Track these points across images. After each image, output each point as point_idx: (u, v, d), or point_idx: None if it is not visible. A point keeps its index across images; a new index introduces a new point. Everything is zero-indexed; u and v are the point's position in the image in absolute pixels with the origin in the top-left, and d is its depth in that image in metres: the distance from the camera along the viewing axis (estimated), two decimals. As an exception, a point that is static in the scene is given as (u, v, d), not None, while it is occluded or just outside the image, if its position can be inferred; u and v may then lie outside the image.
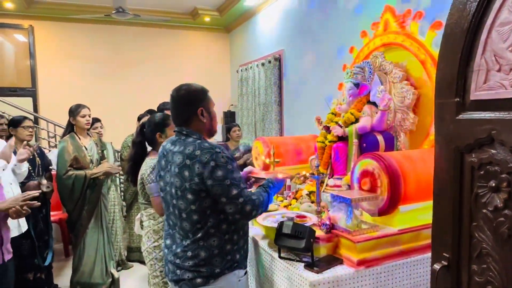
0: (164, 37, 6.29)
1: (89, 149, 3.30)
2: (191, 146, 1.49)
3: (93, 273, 3.28)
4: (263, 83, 4.99)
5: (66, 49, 5.79)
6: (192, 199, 1.48)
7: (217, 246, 1.54)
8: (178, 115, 1.62)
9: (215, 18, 6.00)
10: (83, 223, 3.25)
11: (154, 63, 6.24)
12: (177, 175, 1.51)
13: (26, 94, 5.53)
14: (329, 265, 1.50)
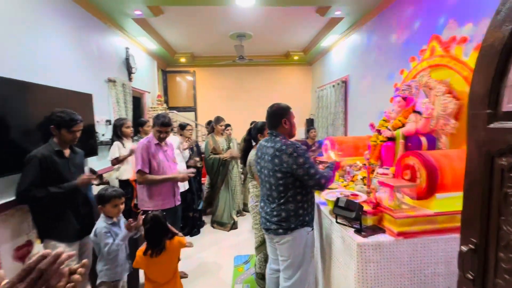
0: (266, 72, 6.35)
1: (221, 143, 3.55)
2: (279, 143, 1.49)
3: (223, 216, 3.54)
4: (333, 99, 4.66)
5: (211, 82, 6.31)
6: (280, 177, 1.48)
7: (293, 210, 1.50)
8: (270, 122, 1.62)
9: (301, 56, 5.82)
10: (218, 186, 3.53)
11: (260, 89, 6.36)
12: (269, 161, 1.52)
13: (191, 110, 6.18)
14: (373, 232, 1.32)
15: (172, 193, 2.23)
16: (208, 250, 2.97)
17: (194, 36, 4.61)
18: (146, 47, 4.59)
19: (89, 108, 2.70)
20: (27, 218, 1.84)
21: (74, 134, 1.69)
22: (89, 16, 2.94)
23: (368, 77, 3.61)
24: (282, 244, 1.56)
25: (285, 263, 1.57)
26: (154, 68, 5.23)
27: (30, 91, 1.96)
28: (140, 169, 2.07)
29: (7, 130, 1.76)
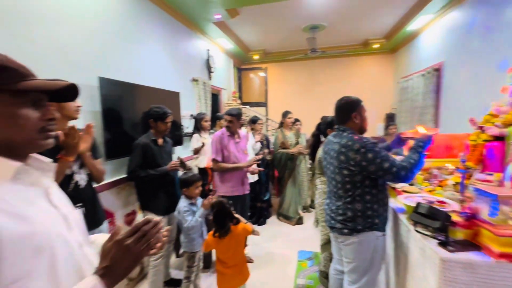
0: (340, 64, 5.96)
1: (290, 137, 3.56)
2: (345, 139, 1.41)
3: (289, 210, 3.57)
4: (421, 90, 4.01)
5: (282, 78, 6.36)
6: (346, 174, 1.40)
7: (360, 210, 1.40)
8: (338, 116, 1.54)
9: (382, 44, 5.20)
10: (285, 180, 3.57)
11: (333, 82, 6.03)
12: (335, 158, 1.45)
13: (262, 105, 6.40)
14: (464, 248, 1.10)
15: (240, 182, 2.40)
16: (273, 241, 3.07)
17: (266, 33, 4.73)
18: (223, 47, 4.98)
19: (177, 104, 3.14)
20: (133, 193, 2.30)
21: (167, 125, 2.03)
22: (178, 24, 3.39)
23: (470, 64, 2.95)
24: (347, 245, 1.48)
25: (350, 265, 1.49)
26: (230, 66, 5.62)
27: (135, 91, 2.43)
28: (214, 157, 2.30)
29: (120, 123, 2.24)
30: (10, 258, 0.46)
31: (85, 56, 1.97)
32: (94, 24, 2.06)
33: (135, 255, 0.57)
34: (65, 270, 0.54)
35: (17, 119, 0.53)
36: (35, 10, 1.62)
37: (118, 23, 2.32)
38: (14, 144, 0.53)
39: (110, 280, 0.54)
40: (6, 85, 0.51)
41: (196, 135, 3.12)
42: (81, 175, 1.48)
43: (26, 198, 0.53)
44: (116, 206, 2.23)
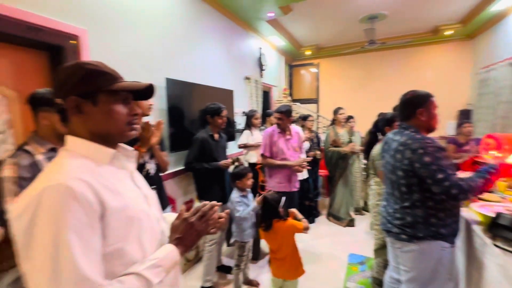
0: (403, 55, 5.37)
1: (342, 135, 3.41)
2: (405, 137, 1.30)
3: (340, 210, 3.43)
4: (509, 82, 3.37)
5: (335, 73, 6.07)
6: (401, 175, 1.30)
7: (421, 217, 1.27)
8: (402, 112, 1.42)
9: (457, 29, 4.50)
10: (336, 179, 3.44)
11: (393, 77, 5.49)
12: (392, 156, 1.36)
13: (313, 102, 6.22)
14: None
15: (287, 179, 2.40)
16: (322, 240, 3.00)
17: (320, 27, 4.58)
18: (275, 44, 5.01)
19: (231, 101, 3.31)
20: (192, 183, 2.53)
21: (223, 119, 2.18)
22: (233, 25, 3.54)
23: None
24: (405, 252, 1.36)
25: (408, 275, 1.37)
26: (282, 63, 5.63)
27: (194, 90, 2.65)
28: (262, 153, 2.37)
29: (182, 119, 2.48)
30: (113, 224, 0.57)
31: (154, 59, 2.23)
32: (161, 31, 2.31)
33: (198, 231, 0.72)
34: (148, 239, 0.66)
35: (112, 114, 0.64)
36: (119, 22, 1.90)
37: (181, 28, 2.56)
38: (109, 135, 0.65)
39: (181, 249, 0.68)
40: (104, 87, 0.63)
41: (247, 131, 3.23)
42: (151, 165, 1.70)
43: (119, 178, 0.66)
44: (177, 194, 2.49)
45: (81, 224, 0.51)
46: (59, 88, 0.63)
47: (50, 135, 1.16)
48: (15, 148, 1.12)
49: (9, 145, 1.39)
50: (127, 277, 0.57)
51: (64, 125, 0.66)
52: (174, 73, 2.42)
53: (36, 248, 0.50)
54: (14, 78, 1.42)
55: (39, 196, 0.51)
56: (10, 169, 1.03)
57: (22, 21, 1.33)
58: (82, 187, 0.54)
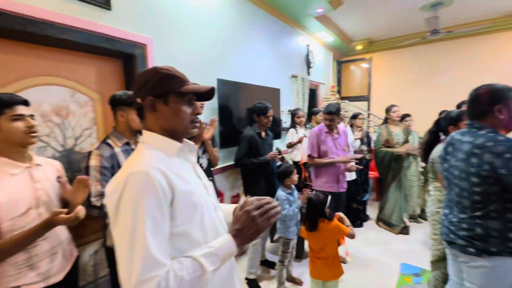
0: (471, 44, 4.65)
1: (397, 135, 3.15)
2: (482, 138, 1.14)
3: (392, 216, 3.19)
4: None
5: (390, 68, 5.60)
6: (476, 182, 1.15)
7: (496, 230, 1.12)
8: (472, 110, 1.25)
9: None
10: (387, 182, 3.21)
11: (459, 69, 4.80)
12: (463, 160, 1.20)
13: (364, 99, 5.87)
14: None
15: (335, 179, 2.34)
16: (371, 247, 2.84)
17: (373, 19, 4.29)
18: (323, 41, 4.86)
19: (277, 100, 3.35)
20: (239, 178, 2.65)
21: (269, 118, 2.23)
22: (281, 23, 3.56)
23: None
24: (473, 268, 1.21)
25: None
26: (330, 60, 5.44)
27: (242, 89, 2.75)
28: (309, 153, 2.34)
29: (231, 117, 2.61)
30: (181, 207, 0.66)
31: (206, 61, 2.39)
32: (212, 34, 2.46)
33: (258, 226, 0.71)
34: (208, 224, 0.73)
35: (180, 113, 0.73)
36: (178, 30, 2.10)
37: (230, 30, 2.68)
38: (176, 131, 0.74)
39: (239, 241, 0.69)
40: (175, 89, 0.72)
41: (292, 130, 3.23)
42: (204, 159, 1.85)
43: (185, 168, 0.75)
44: (225, 188, 2.63)
45: (154, 208, 0.61)
46: (139, 89, 0.73)
47: (125, 130, 1.36)
48: (99, 142, 1.34)
49: (94, 139, 1.66)
50: (186, 259, 0.63)
51: (140, 121, 0.77)
52: (224, 73, 2.56)
53: (120, 220, 0.61)
54: (97, 82, 1.69)
55: (126, 179, 0.62)
56: (95, 159, 1.24)
57: (104, 34, 1.58)
58: (157, 175, 0.63)
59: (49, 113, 1.47)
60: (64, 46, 1.50)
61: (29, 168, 1.03)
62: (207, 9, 2.38)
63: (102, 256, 1.66)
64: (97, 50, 1.63)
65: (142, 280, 0.57)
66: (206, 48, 2.38)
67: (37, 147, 1.42)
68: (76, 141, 1.59)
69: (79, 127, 1.61)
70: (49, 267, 1.03)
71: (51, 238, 1.04)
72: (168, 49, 2.01)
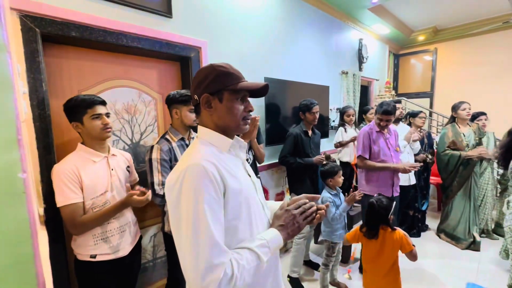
0: None
1: (467, 135, 2.75)
2: None
3: (457, 228, 2.81)
4: None
5: (459, 59, 4.88)
6: None
7: None
8: None
9: None
10: (453, 190, 2.83)
11: None
12: None
13: (425, 96, 5.26)
14: None
15: (390, 183, 2.17)
16: (430, 260, 2.55)
17: (440, 3, 3.81)
18: (378, 33, 4.52)
19: (326, 98, 3.24)
20: (284, 176, 2.66)
21: (314, 115, 2.19)
22: (330, 17, 3.42)
23: None
24: None
25: None
26: (385, 54, 5.02)
27: (290, 87, 2.74)
28: (360, 154, 2.20)
29: (278, 115, 2.63)
30: (231, 203, 0.70)
31: (255, 60, 2.45)
32: (261, 33, 2.51)
33: (298, 224, 0.76)
34: (255, 221, 0.76)
35: (233, 110, 0.74)
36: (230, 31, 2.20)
37: (278, 28, 2.70)
38: (228, 127, 0.76)
39: (283, 236, 0.74)
40: (230, 86, 0.74)
41: (341, 129, 3.09)
42: (249, 155, 1.91)
43: (235, 164, 0.78)
44: (270, 185, 2.67)
45: (212, 198, 0.65)
46: (197, 87, 0.76)
47: (180, 126, 1.50)
48: (159, 137, 1.51)
49: (155, 134, 1.87)
50: (243, 250, 0.67)
51: (196, 117, 0.84)
52: (271, 71, 2.59)
53: (182, 210, 0.63)
54: (158, 84, 1.89)
55: (184, 172, 0.66)
56: (157, 152, 1.40)
57: (166, 40, 1.76)
58: (212, 168, 0.67)
59: (121, 111, 1.71)
60: (134, 52, 1.72)
61: (106, 158, 1.23)
62: (256, 8, 2.43)
63: (160, 240, 1.86)
64: (159, 55, 1.83)
65: (210, 266, 0.59)
66: (255, 47, 2.45)
67: (112, 140, 1.67)
68: (141, 136, 1.82)
69: (144, 123, 1.83)
70: (118, 242, 1.21)
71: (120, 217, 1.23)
72: (220, 51, 2.13)
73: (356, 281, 2.23)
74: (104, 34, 1.47)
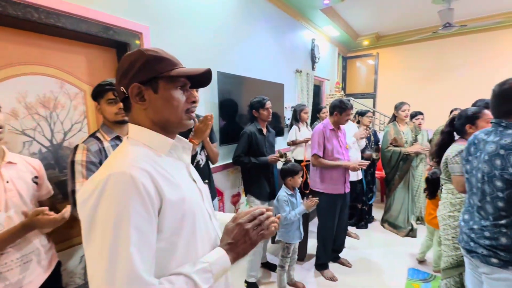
0: (485, 40, 4.49)
1: (405, 133, 3.02)
2: (508, 138, 1.04)
3: (398, 218, 3.08)
4: None
5: (398, 64, 5.44)
6: (500, 186, 1.05)
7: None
8: (497, 108, 1.14)
9: None
10: (394, 183, 3.09)
11: (472, 66, 4.64)
12: (486, 162, 1.10)
13: (369, 97, 5.74)
14: None
15: (343, 180, 2.23)
16: (376, 249, 2.73)
17: (382, 12, 4.14)
18: (329, 35, 4.72)
19: (281, 96, 3.22)
20: (239, 176, 2.54)
21: (268, 110, 2.13)
22: (285, 15, 3.42)
23: None
24: (495, 280, 1.11)
25: (498, 307, 1.11)
26: (335, 55, 5.29)
27: (244, 83, 2.64)
28: (315, 153, 2.21)
29: (232, 112, 2.50)
30: (170, 218, 0.56)
31: (207, 53, 2.27)
32: (215, 26, 2.34)
33: (252, 239, 0.65)
34: (201, 235, 0.63)
35: (172, 101, 0.62)
36: (176, 18, 1.98)
37: (232, 21, 2.56)
38: (169, 123, 0.64)
39: (232, 256, 0.62)
40: (164, 72, 0.62)
41: (295, 127, 3.11)
42: (202, 156, 1.74)
43: (177, 170, 0.64)
44: (225, 186, 2.53)
45: (141, 217, 0.51)
46: (122, 76, 0.63)
47: (111, 122, 1.25)
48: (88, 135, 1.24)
49: (84, 133, 1.56)
50: (177, 277, 0.55)
51: (126, 114, 0.67)
52: (225, 66, 2.44)
53: (98, 233, 0.50)
54: (88, 73, 1.59)
55: (104, 182, 0.51)
56: (82, 153, 1.14)
57: (95, 20, 1.47)
58: (144, 177, 0.53)
59: (35, 105, 1.38)
60: (53, 33, 1.40)
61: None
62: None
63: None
64: (89, 38, 1.53)
65: None
66: (207, 39, 2.27)
67: (22, 141, 1.33)
68: (65, 135, 1.49)
69: (69, 120, 1.51)
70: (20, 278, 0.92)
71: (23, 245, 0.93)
72: (166, 40, 1.90)
73: (312, 278, 2.25)
74: (3, 4, 1.14)
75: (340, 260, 2.48)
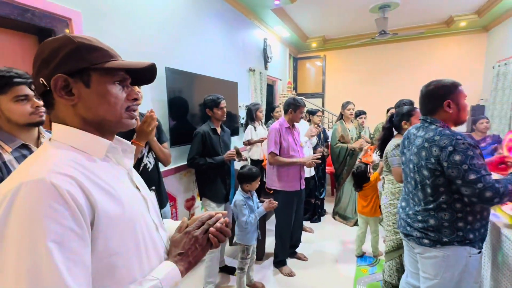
0: (414, 47, 5.22)
1: (351, 130, 3.29)
2: (431, 132, 1.19)
3: (347, 210, 3.34)
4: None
5: (343, 66, 5.93)
6: (426, 175, 1.19)
7: (447, 220, 1.17)
8: (424, 106, 1.30)
9: (472, 21, 4.35)
10: (343, 177, 3.33)
11: (404, 69, 5.35)
12: (415, 154, 1.25)
13: (318, 96, 6.09)
14: None
15: (298, 177, 2.30)
16: (329, 241, 2.91)
17: (327, 17, 4.43)
18: (280, 35, 4.86)
19: (235, 94, 3.19)
20: (193, 179, 2.43)
21: (223, 110, 2.07)
22: (237, 12, 3.40)
23: None
24: (427, 258, 1.26)
25: (429, 282, 1.27)
26: (286, 56, 5.48)
27: (196, 81, 2.53)
28: (272, 151, 2.24)
29: (183, 112, 2.37)
30: (105, 233, 0.47)
31: (153, 47, 2.11)
32: (162, 18, 2.19)
33: (202, 245, 0.63)
34: (146, 249, 0.56)
35: (109, 97, 0.54)
36: (116, 5, 1.78)
37: (182, 16, 2.43)
38: (105, 122, 0.55)
39: (184, 266, 0.59)
40: (98, 64, 0.53)
41: (251, 127, 3.12)
42: (149, 159, 1.60)
43: (115, 176, 0.55)
44: (178, 191, 2.39)
45: (66, 232, 0.42)
46: (43, 64, 0.52)
47: (12, 127, 0.98)
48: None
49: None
50: None
51: (48, 111, 0.55)
52: (174, 62, 2.30)
53: (9, 256, 0.39)
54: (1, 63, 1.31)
55: (14, 193, 0.41)
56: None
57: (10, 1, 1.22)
58: (69, 186, 0.44)
59: None
60: None
61: None
62: (153, -13, 2.09)
63: None
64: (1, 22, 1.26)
65: None
66: (152, 32, 2.10)
67: None
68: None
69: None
70: None
71: None
72: (102, 29, 1.69)
73: (271, 277, 2.27)
74: None
75: (297, 255, 2.57)
